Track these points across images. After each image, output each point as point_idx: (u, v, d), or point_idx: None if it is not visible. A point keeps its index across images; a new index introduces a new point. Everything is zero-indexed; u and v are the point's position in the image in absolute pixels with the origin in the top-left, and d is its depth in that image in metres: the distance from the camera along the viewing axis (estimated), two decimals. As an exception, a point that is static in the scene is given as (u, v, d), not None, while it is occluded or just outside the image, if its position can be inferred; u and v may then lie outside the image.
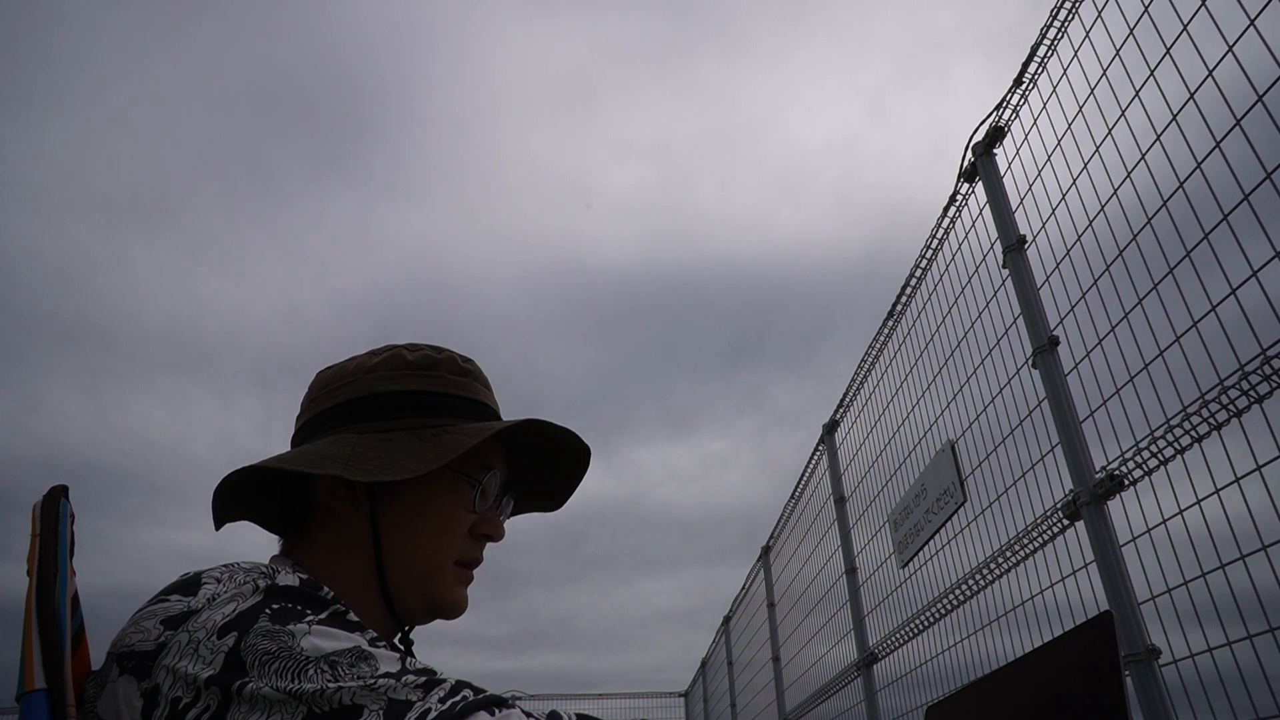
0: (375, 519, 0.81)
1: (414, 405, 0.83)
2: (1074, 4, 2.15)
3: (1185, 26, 1.72)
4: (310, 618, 0.64)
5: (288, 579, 0.69)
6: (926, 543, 2.93)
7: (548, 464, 0.95)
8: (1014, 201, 2.44)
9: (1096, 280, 2.03)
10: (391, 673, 0.61)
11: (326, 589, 0.71)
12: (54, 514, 0.72)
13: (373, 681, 0.60)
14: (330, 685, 0.59)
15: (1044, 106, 2.28)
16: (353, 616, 0.68)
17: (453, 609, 0.85)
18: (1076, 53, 2.13)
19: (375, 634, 0.67)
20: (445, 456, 0.78)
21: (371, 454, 0.78)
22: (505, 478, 0.90)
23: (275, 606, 0.65)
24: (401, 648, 0.72)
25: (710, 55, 17.34)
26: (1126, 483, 1.91)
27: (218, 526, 0.83)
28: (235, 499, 0.83)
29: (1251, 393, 1.55)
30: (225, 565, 0.71)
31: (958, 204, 2.79)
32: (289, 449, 0.86)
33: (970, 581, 2.60)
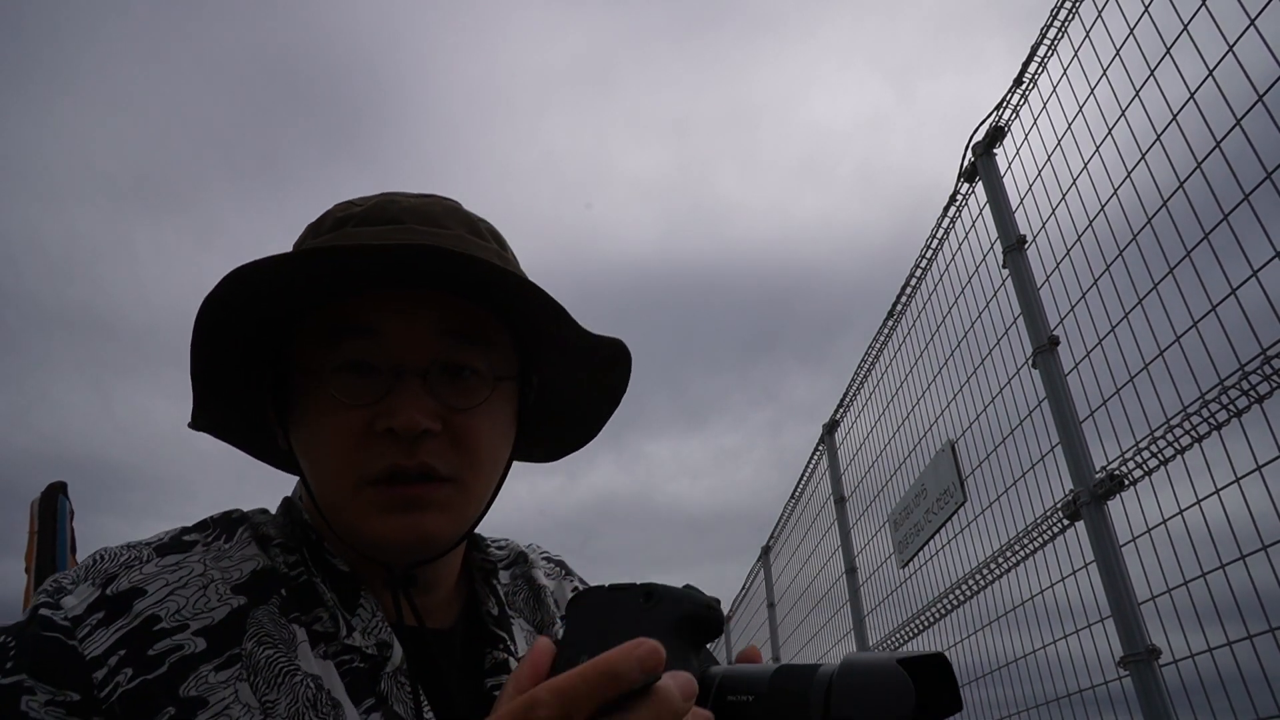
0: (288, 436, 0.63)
1: None
2: (1074, 4, 2.14)
3: (1185, 26, 1.72)
4: (126, 557, 0.56)
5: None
6: (926, 543, 2.93)
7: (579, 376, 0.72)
8: (1014, 201, 2.44)
9: (1096, 280, 2.03)
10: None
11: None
12: (52, 511, 0.72)
13: None
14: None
15: (1044, 106, 2.28)
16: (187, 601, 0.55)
17: (384, 546, 0.59)
18: (1077, 53, 2.13)
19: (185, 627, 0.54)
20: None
21: None
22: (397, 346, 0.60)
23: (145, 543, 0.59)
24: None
25: (733, 33, 17.19)
26: (1127, 483, 1.90)
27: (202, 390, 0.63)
28: None
29: (1251, 393, 1.55)
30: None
31: (958, 204, 2.79)
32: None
33: (970, 581, 2.60)
